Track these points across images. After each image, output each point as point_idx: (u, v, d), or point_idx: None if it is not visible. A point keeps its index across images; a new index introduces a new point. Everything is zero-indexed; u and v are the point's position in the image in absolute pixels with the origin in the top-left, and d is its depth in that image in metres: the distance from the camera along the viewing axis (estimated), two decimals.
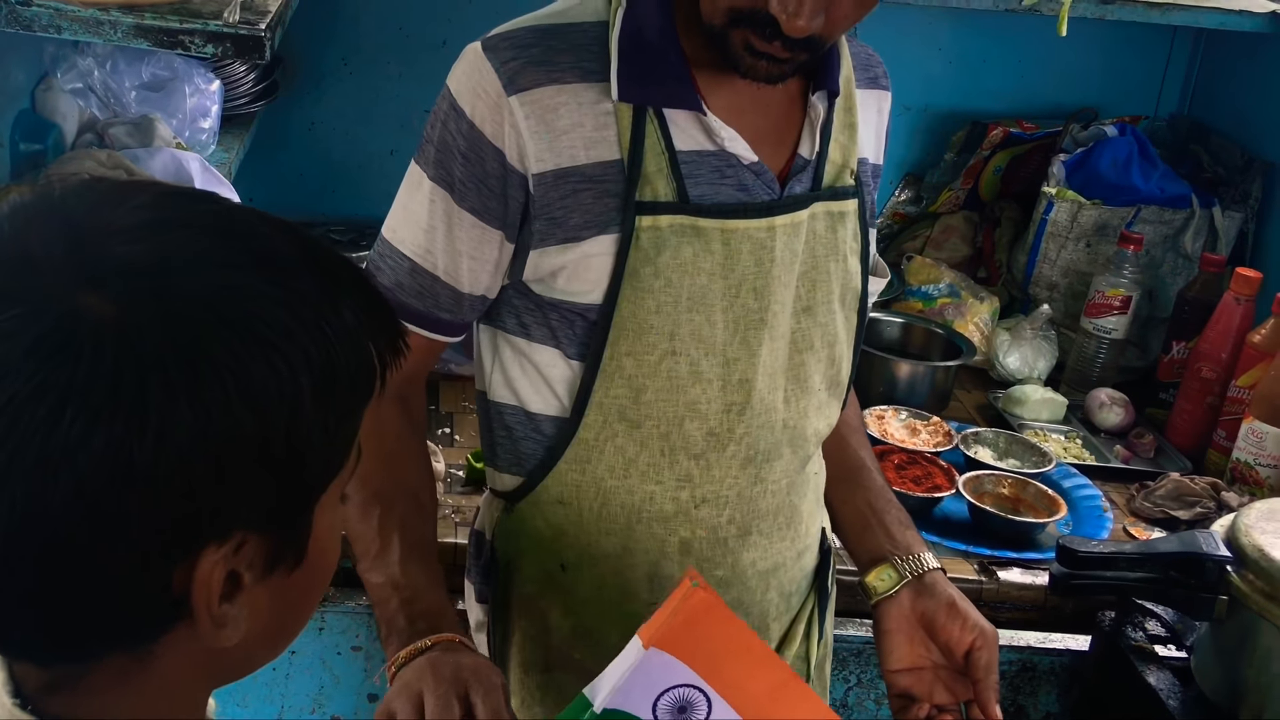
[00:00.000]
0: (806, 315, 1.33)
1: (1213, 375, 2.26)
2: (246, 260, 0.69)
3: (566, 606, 1.36)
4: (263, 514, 0.69)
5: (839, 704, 1.91)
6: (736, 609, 1.37)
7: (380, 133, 2.70)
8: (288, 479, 0.69)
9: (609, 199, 1.24)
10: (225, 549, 0.67)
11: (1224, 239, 2.55)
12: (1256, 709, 1.60)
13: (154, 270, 0.66)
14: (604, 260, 1.25)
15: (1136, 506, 2.09)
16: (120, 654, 0.70)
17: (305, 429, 0.68)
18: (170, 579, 0.67)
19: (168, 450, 0.63)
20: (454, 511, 1.85)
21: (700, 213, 1.25)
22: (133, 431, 0.62)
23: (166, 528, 0.65)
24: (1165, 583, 1.67)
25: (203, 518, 0.66)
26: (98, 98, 2.14)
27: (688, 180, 1.25)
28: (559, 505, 1.34)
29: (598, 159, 1.24)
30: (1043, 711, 1.97)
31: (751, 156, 1.27)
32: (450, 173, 1.25)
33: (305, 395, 0.68)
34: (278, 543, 0.71)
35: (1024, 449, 2.17)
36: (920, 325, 2.50)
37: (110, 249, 0.66)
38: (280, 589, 0.73)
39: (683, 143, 1.25)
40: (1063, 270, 2.58)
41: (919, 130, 2.83)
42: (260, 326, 0.66)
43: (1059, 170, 2.58)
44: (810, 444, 1.39)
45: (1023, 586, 1.87)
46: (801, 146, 1.31)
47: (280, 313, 0.67)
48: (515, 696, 1.38)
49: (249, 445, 0.66)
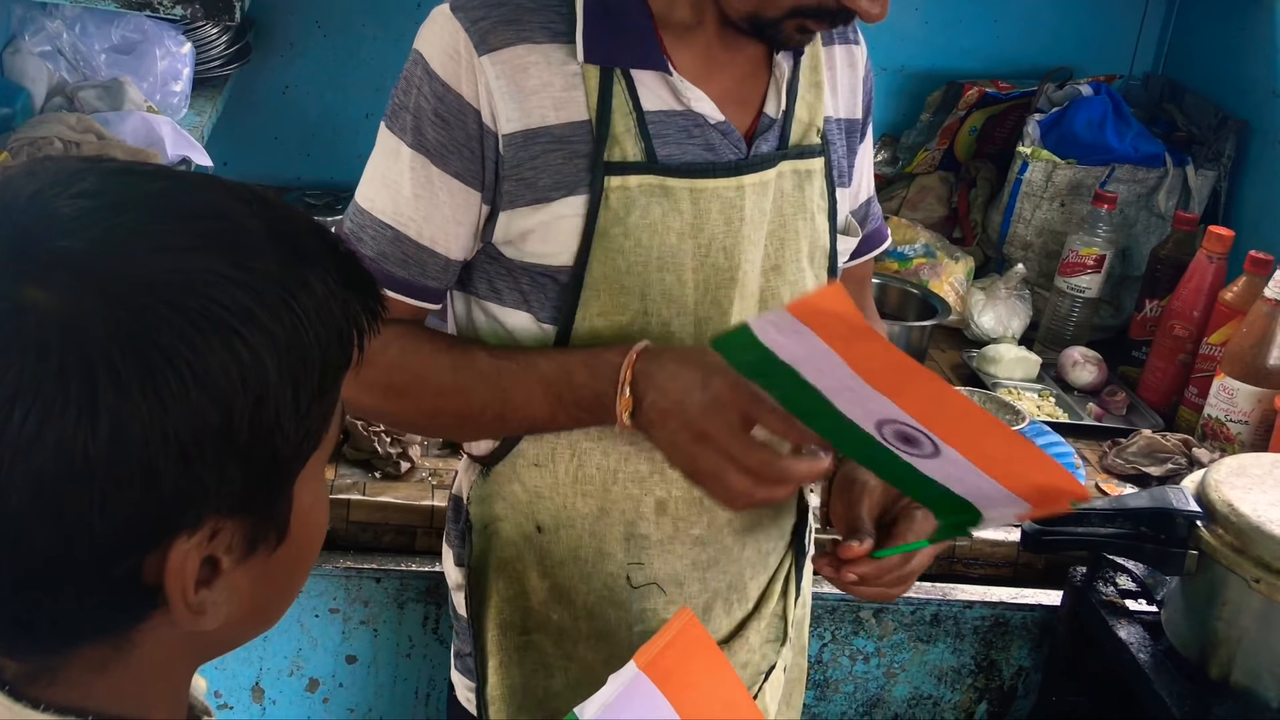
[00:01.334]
0: (775, 274, 1.33)
1: (1185, 333, 2.27)
2: (200, 241, 0.66)
3: (543, 568, 1.37)
4: (234, 499, 0.67)
5: (814, 659, 1.93)
6: (713, 567, 1.39)
7: (355, 96, 2.69)
8: (258, 462, 0.67)
9: (578, 160, 1.24)
10: (197, 537, 0.66)
11: (1197, 198, 2.57)
12: (1226, 662, 1.62)
13: (99, 259, 0.63)
14: (574, 222, 1.24)
15: (1109, 463, 2.11)
16: (98, 644, 0.69)
17: (273, 411, 0.66)
18: (140, 570, 0.66)
19: (123, 443, 0.62)
20: (431, 475, 1.86)
21: (668, 172, 1.25)
22: (84, 426, 0.61)
23: (130, 520, 0.64)
24: (1136, 538, 1.68)
25: (168, 508, 0.64)
26: (67, 60, 2.13)
27: (655, 140, 1.25)
28: (534, 468, 1.34)
29: (567, 119, 1.23)
30: (1015, 665, 1.99)
31: (718, 116, 1.27)
32: (429, 138, 1.24)
33: (271, 377, 0.65)
34: (256, 524, 0.70)
35: (998, 407, 2.18)
36: (896, 285, 2.51)
37: (53, 241, 0.63)
38: (264, 568, 0.72)
39: (650, 103, 1.25)
40: (1037, 230, 2.59)
41: (895, 91, 2.83)
42: (216, 310, 0.64)
43: (1034, 130, 2.58)
44: None
45: (995, 543, 1.89)
46: (767, 105, 1.31)
47: (238, 294, 0.65)
48: (493, 658, 1.38)
49: (212, 433, 0.64)
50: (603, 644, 1.37)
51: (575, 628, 1.38)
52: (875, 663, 1.96)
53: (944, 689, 2.00)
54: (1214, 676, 1.63)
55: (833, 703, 1.98)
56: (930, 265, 2.55)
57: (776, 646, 1.48)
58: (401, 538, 1.81)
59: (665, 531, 1.35)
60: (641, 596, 1.37)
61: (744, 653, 1.44)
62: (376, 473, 1.85)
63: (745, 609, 1.44)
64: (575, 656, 1.38)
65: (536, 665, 1.39)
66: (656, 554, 1.36)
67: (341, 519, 1.79)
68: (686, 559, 1.37)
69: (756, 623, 1.45)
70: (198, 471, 0.64)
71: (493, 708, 1.39)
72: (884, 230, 1.57)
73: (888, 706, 2.00)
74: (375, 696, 1.90)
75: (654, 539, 1.35)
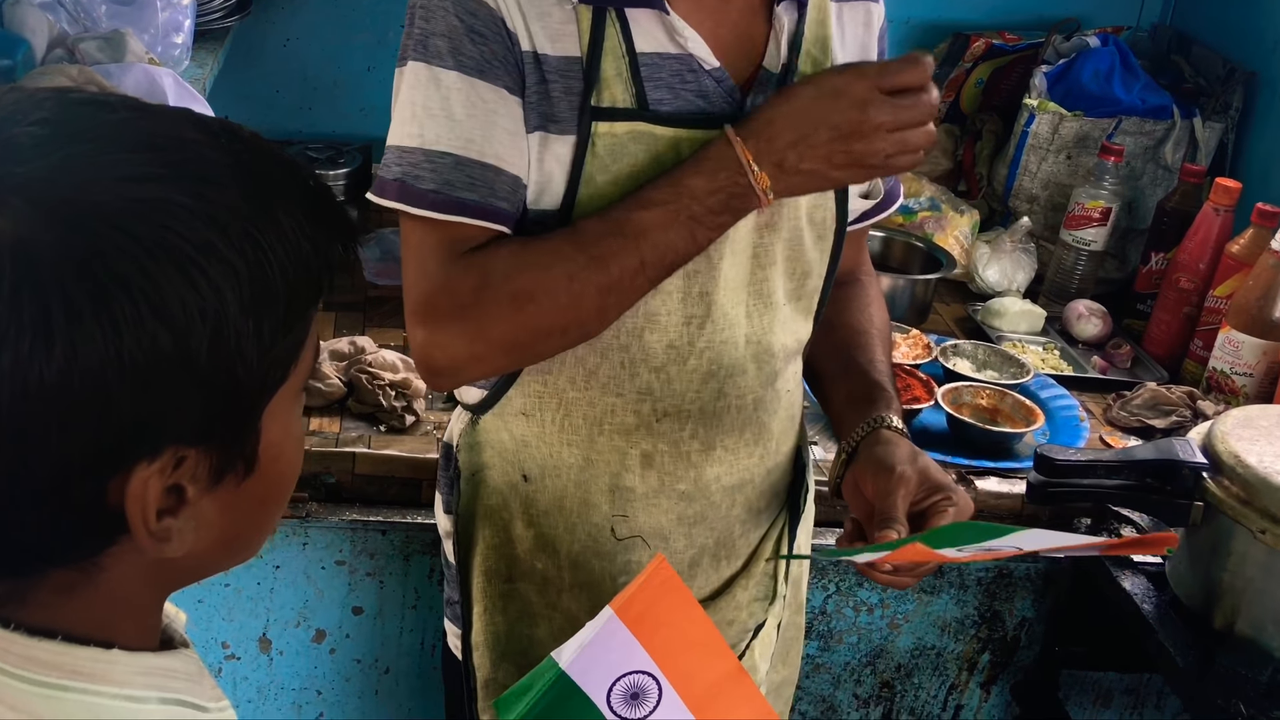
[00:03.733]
0: (769, 230, 1.31)
1: (1190, 286, 2.27)
2: (162, 172, 0.66)
3: (529, 517, 1.37)
4: (196, 428, 0.68)
5: (818, 611, 1.94)
6: (700, 523, 1.38)
7: (357, 49, 2.67)
8: (219, 392, 0.68)
9: (570, 97, 1.22)
10: (158, 464, 0.67)
11: (1204, 150, 2.55)
12: (1230, 612, 1.63)
13: (53, 186, 0.64)
14: (561, 165, 1.22)
15: (1113, 416, 2.11)
16: (63, 568, 0.70)
17: (233, 342, 0.67)
18: (103, 495, 0.67)
19: (77, 369, 0.62)
20: (436, 428, 1.86)
21: (659, 120, 1.23)
22: (38, 351, 0.62)
23: (88, 445, 0.65)
24: (1142, 489, 1.68)
25: (126, 434, 0.65)
26: (67, 12, 2.11)
27: (647, 84, 1.23)
28: (521, 417, 1.34)
29: (562, 53, 1.21)
30: (1019, 617, 2.00)
31: (713, 61, 1.25)
32: (469, 54, 1.20)
33: (230, 309, 0.66)
34: (221, 455, 0.71)
35: (1002, 361, 2.18)
36: (900, 239, 2.50)
37: (8, 168, 0.64)
38: (232, 499, 0.73)
39: (644, 43, 1.23)
40: (1043, 183, 2.57)
41: (900, 43, 2.80)
42: (173, 240, 0.64)
43: (1040, 82, 2.56)
44: (777, 359, 1.37)
45: (1000, 495, 1.89)
46: (767, 59, 1.29)
47: (196, 224, 0.65)
48: (478, 604, 1.39)
49: (169, 362, 0.65)
50: (586, 594, 1.37)
51: (559, 577, 1.38)
52: (879, 614, 1.97)
53: (947, 639, 2.01)
54: (1218, 627, 1.64)
55: (836, 653, 1.99)
56: (935, 218, 2.54)
57: (765, 605, 1.47)
58: (407, 490, 1.82)
59: (650, 485, 1.35)
60: (626, 549, 1.37)
61: (730, 610, 1.44)
62: (381, 426, 1.85)
63: (734, 566, 1.44)
64: (559, 606, 1.38)
65: (520, 613, 1.39)
66: (641, 507, 1.35)
67: (347, 472, 1.80)
68: (672, 513, 1.36)
69: (745, 580, 1.44)
70: (155, 398, 0.65)
71: (476, 653, 1.40)
72: (898, 189, 1.53)
73: (891, 657, 2.01)
74: (381, 647, 1.91)
75: (639, 492, 1.35)
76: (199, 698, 0.76)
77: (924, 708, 2.07)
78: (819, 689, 2.02)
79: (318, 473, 1.79)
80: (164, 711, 0.73)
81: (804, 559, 1.28)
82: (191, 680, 0.76)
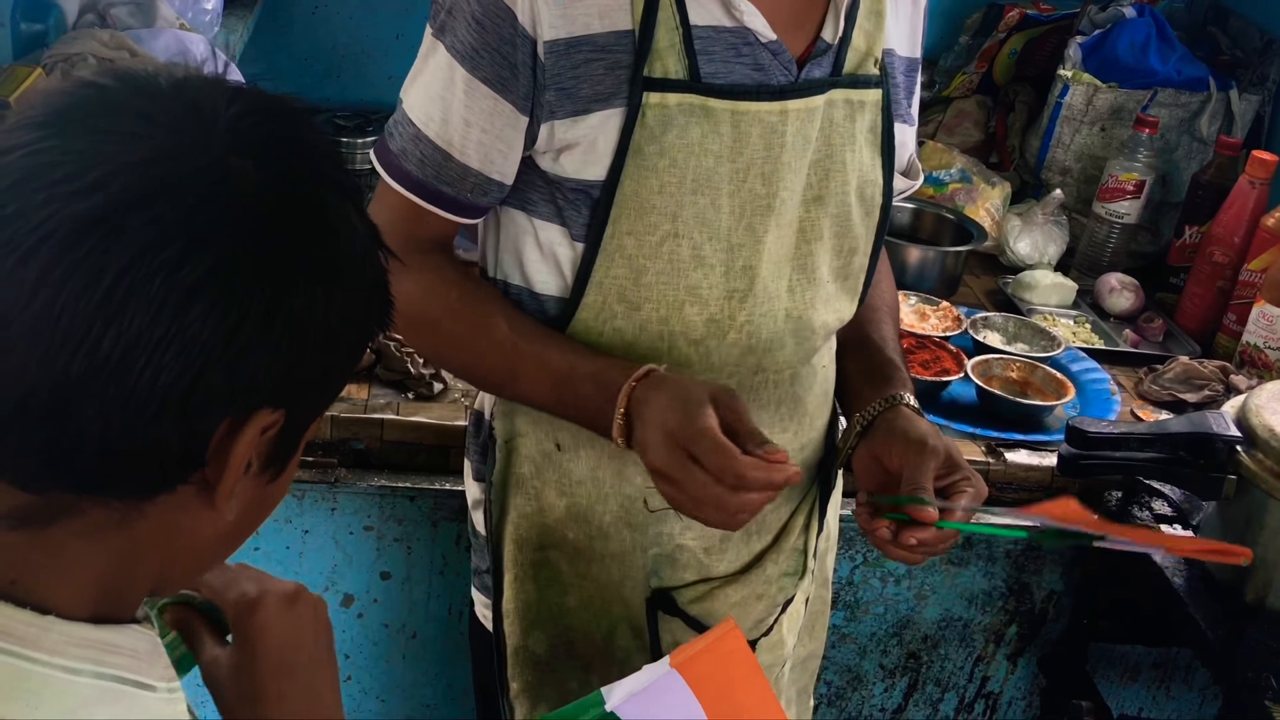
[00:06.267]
0: (817, 205, 1.30)
1: (1224, 259, 2.25)
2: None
3: (561, 487, 1.37)
4: (306, 406, 0.74)
5: (845, 581, 1.93)
6: None
7: (386, 17, 2.67)
8: (329, 389, 0.75)
9: (619, 71, 1.21)
10: (273, 418, 0.70)
11: (1240, 122, 2.52)
12: (1261, 585, 1.62)
13: (290, 151, 0.71)
14: (609, 137, 1.22)
15: (1144, 389, 2.09)
16: (110, 503, 0.69)
17: (359, 343, 0.76)
18: (214, 430, 0.68)
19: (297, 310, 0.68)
20: (464, 395, 1.86)
21: (711, 93, 1.22)
22: (315, 298, 0.69)
23: (257, 369, 0.67)
24: (1174, 463, 1.68)
25: (279, 380, 0.69)
26: None
27: (701, 57, 1.22)
28: None
29: (611, 28, 1.20)
30: (1046, 589, 2.00)
31: (770, 34, 1.24)
32: (461, 39, 1.21)
33: (374, 311, 0.76)
34: (280, 444, 0.73)
35: (1033, 333, 2.17)
36: (931, 211, 2.49)
37: (255, 128, 0.70)
38: (258, 492, 0.75)
39: (699, 17, 1.22)
40: (1076, 155, 2.55)
41: (933, 13, 2.75)
42: None
43: (1075, 53, 2.54)
44: (818, 336, 1.37)
45: (1029, 468, 1.88)
46: (824, 30, 1.27)
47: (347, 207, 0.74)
48: (508, 572, 1.39)
49: (339, 331, 0.72)
50: (616, 565, 1.37)
51: (590, 547, 1.38)
52: (906, 585, 1.97)
53: (974, 611, 2.00)
54: (1249, 600, 1.63)
55: (863, 624, 1.99)
56: (966, 190, 2.52)
57: (795, 580, 1.46)
58: (435, 457, 1.82)
59: None
60: (658, 520, 1.36)
61: (760, 584, 1.43)
62: (409, 393, 1.86)
63: (764, 541, 1.43)
64: (589, 575, 1.38)
65: (550, 581, 1.39)
66: None
67: (376, 438, 1.80)
68: None
69: (775, 555, 1.44)
70: (325, 359, 0.72)
71: (507, 621, 1.40)
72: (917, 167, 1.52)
73: (917, 628, 2.01)
74: (409, 613, 1.92)
75: None
76: (145, 675, 0.73)
77: (950, 679, 2.07)
78: (845, 659, 2.02)
79: (346, 439, 1.79)
80: (97, 686, 0.70)
81: (960, 529, 1.27)
82: (137, 657, 0.73)
